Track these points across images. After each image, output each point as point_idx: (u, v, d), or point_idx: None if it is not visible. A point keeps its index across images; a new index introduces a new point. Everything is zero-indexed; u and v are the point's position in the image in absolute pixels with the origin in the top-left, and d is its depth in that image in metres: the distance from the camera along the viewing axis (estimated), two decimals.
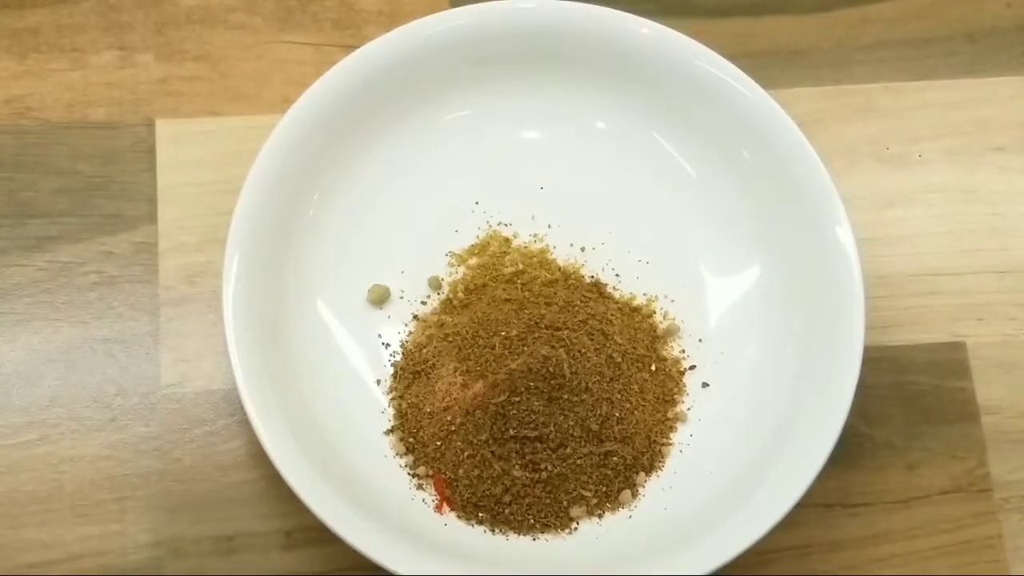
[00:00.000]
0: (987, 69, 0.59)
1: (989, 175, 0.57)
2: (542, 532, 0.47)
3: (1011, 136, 0.57)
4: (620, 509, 0.48)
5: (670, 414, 0.50)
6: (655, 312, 0.52)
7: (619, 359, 0.49)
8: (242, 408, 0.45)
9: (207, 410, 0.50)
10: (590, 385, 0.48)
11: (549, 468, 0.47)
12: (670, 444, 0.49)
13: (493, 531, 0.47)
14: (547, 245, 0.53)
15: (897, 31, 0.59)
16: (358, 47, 0.51)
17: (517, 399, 0.47)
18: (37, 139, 0.53)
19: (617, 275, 0.52)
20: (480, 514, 0.47)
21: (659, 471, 0.49)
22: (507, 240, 0.53)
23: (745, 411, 0.49)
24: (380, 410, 0.49)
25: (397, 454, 0.48)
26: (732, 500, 0.46)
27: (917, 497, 0.51)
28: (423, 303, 0.51)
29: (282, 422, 0.45)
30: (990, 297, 0.54)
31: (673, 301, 0.52)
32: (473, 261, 0.52)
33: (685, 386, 0.51)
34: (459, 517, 0.47)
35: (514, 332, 0.49)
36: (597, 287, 0.52)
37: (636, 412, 0.49)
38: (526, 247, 0.52)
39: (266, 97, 0.55)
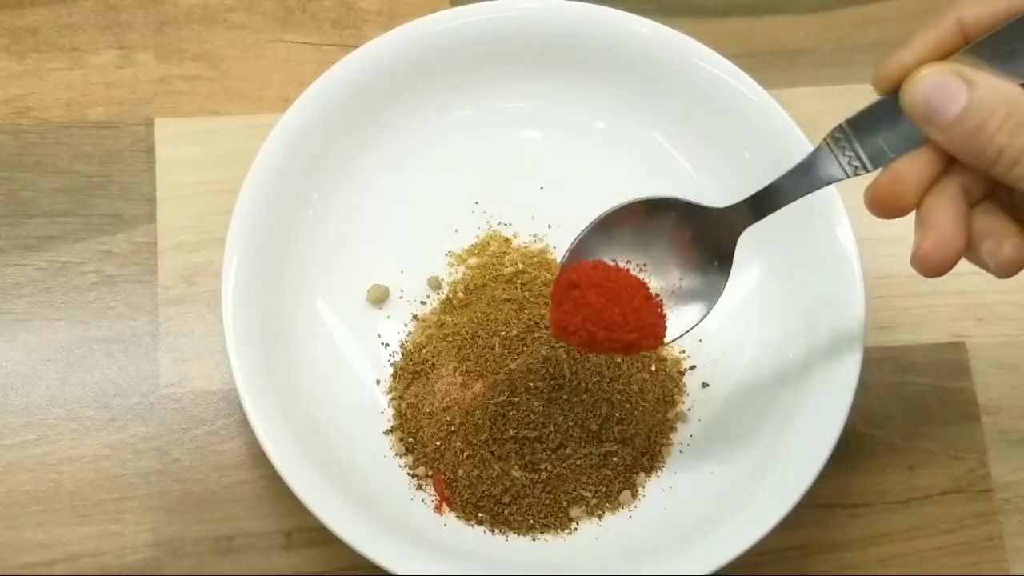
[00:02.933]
0: None
1: None
2: (542, 532, 0.47)
3: None
4: (620, 509, 0.48)
5: (670, 414, 0.50)
6: None
7: (619, 359, 0.49)
8: (241, 408, 0.45)
9: (206, 410, 0.50)
10: (590, 386, 0.48)
11: (549, 468, 0.47)
12: (670, 444, 0.49)
13: (493, 531, 0.47)
14: (547, 245, 0.52)
15: (897, 31, 0.59)
16: (358, 47, 0.51)
17: (517, 399, 0.47)
18: (36, 139, 0.53)
19: None
20: (480, 514, 0.47)
21: (659, 471, 0.49)
22: (507, 240, 0.52)
23: (745, 411, 0.49)
24: (380, 410, 0.49)
25: (397, 454, 0.48)
26: (732, 500, 0.46)
27: (917, 497, 0.51)
28: (423, 303, 0.51)
29: (281, 422, 0.45)
30: (990, 297, 0.54)
31: None
32: (473, 261, 0.52)
33: (685, 386, 0.51)
34: (459, 517, 0.47)
35: (514, 332, 0.49)
36: None
37: (636, 412, 0.49)
38: (526, 247, 0.52)
39: (266, 97, 0.55)
